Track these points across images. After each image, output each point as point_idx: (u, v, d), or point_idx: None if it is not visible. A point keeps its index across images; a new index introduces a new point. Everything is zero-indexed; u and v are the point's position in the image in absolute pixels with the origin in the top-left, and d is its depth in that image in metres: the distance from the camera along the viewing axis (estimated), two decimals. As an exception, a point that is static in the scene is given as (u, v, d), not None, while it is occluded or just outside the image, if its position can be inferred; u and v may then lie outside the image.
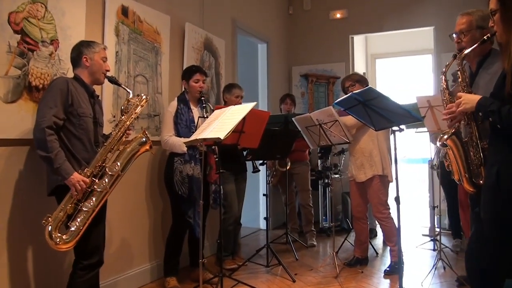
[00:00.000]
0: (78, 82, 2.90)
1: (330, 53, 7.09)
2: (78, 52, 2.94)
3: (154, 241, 4.24)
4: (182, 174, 3.83)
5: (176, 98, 4.06)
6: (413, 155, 10.00)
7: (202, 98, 4.04)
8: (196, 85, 4.02)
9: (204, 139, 3.11)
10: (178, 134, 3.90)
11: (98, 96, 3.11)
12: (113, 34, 3.78)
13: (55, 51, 3.21)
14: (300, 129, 4.43)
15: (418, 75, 8.89)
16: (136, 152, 2.92)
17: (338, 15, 7.08)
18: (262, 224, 6.38)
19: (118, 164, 2.81)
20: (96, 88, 3.17)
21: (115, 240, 3.80)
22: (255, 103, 3.40)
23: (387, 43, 8.19)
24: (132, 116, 2.97)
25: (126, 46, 3.91)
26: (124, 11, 3.89)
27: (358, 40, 7.53)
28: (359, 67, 7.32)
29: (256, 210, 6.53)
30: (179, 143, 3.80)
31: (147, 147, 2.97)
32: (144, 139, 2.95)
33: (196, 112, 4.04)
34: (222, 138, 2.96)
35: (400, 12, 6.60)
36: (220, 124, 3.12)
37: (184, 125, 3.92)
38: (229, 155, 4.23)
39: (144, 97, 3.08)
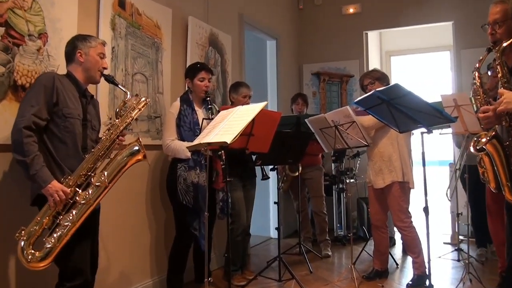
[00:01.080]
0: (69, 79, 2.59)
1: (343, 50, 6.74)
2: (73, 47, 2.63)
3: (156, 255, 3.91)
4: (187, 182, 3.52)
5: (178, 99, 3.73)
6: (430, 157, 9.50)
7: (208, 98, 3.71)
8: (201, 84, 3.69)
9: (209, 144, 2.75)
10: (181, 138, 3.58)
11: (92, 96, 2.77)
12: (109, 27, 3.44)
13: (44, 45, 2.88)
14: (313, 131, 4.08)
15: (435, 73, 8.51)
16: (127, 162, 2.58)
17: (351, 10, 6.74)
18: (273, 233, 6.04)
19: (105, 174, 2.47)
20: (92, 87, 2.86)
21: (114, 255, 3.48)
22: (265, 103, 3.06)
23: (403, 40, 7.82)
24: (127, 120, 2.64)
25: (123, 41, 3.58)
26: (121, 2, 3.55)
27: (373, 36, 7.16)
28: (374, 65, 6.95)
29: (266, 217, 6.18)
30: (182, 148, 3.48)
31: (140, 157, 2.63)
32: (136, 147, 2.61)
33: (200, 113, 3.72)
34: (229, 142, 2.62)
35: (416, 6, 6.26)
36: (227, 126, 2.77)
37: (188, 128, 3.59)
38: (237, 160, 3.89)
39: (143, 99, 2.75)
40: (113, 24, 3.48)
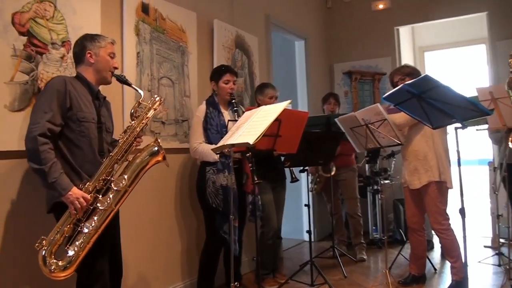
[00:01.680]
0: (80, 82, 2.51)
1: (374, 48, 6.56)
2: (82, 47, 2.54)
3: (187, 258, 3.90)
4: (216, 185, 3.46)
5: (204, 102, 3.69)
6: (468, 156, 9.16)
7: (233, 100, 3.65)
8: (226, 86, 3.64)
9: (233, 145, 2.68)
10: (209, 141, 3.53)
11: (104, 97, 2.69)
12: (133, 33, 3.44)
13: (67, 53, 2.88)
14: (344, 131, 3.96)
15: (471, 67, 8.20)
16: (146, 164, 2.53)
17: (381, 6, 6.55)
18: (307, 236, 5.88)
19: (125, 178, 2.42)
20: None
21: (145, 258, 3.50)
22: (289, 101, 2.96)
23: (436, 34, 7.55)
24: (143, 121, 2.58)
25: (148, 46, 3.56)
26: (145, 8, 3.54)
27: (404, 32, 6.96)
28: (406, 61, 6.71)
29: (299, 220, 6.07)
30: (209, 151, 3.42)
31: (160, 158, 2.57)
32: (156, 148, 2.56)
33: (227, 115, 3.66)
34: (251, 143, 2.53)
35: (448, -2, 6.03)
36: (250, 127, 2.69)
37: (215, 131, 3.54)
38: (265, 162, 3.83)
39: (157, 98, 2.68)
40: (137, 29, 3.47)
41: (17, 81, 2.58)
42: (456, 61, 8.48)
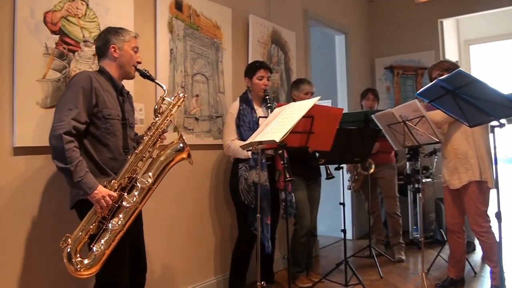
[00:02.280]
0: (104, 77, 2.48)
1: (417, 41, 6.35)
2: (105, 41, 2.50)
3: (220, 254, 3.91)
4: (248, 182, 3.45)
5: (238, 98, 3.67)
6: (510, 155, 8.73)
7: (267, 97, 3.61)
8: (260, 82, 3.61)
9: (260, 142, 2.64)
10: (242, 138, 3.51)
11: (127, 92, 2.67)
12: (167, 30, 3.45)
13: (99, 50, 2.91)
14: (381, 128, 3.85)
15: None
16: (170, 161, 2.51)
17: (424, -2, 6.33)
18: (347, 233, 5.81)
19: (150, 175, 2.41)
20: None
21: (178, 253, 3.54)
22: (318, 98, 2.90)
23: (482, 26, 7.26)
24: (168, 117, 2.56)
25: (181, 43, 3.57)
26: (178, 5, 3.54)
27: (449, 25, 6.72)
28: (451, 55, 6.52)
29: (338, 217, 5.94)
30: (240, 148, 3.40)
31: (184, 155, 2.55)
32: (180, 145, 2.54)
33: (260, 112, 3.63)
34: (277, 140, 2.49)
35: (496, -13, 5.76)
36: (278, 124, 2.65)
37: (248, 128, 3.52)
38: (300, 159, 3.79)
39: (181, 94, 2.65)
40: (171, 26, 3.47)
41: (49, 79, 2.63)
42: (504, 55, 8.09)
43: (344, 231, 3.96)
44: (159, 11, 3.38)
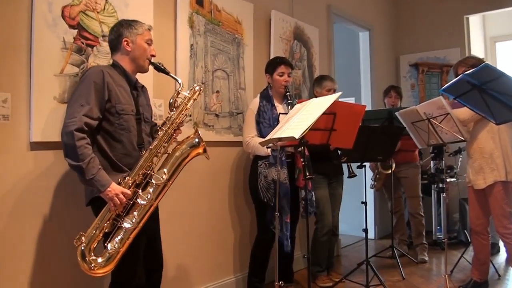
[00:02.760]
0: (117, 71, 2.43)
1: (442, 38, 6.22)
2: (118, 34, 2.45)
3: (240, 252, 3.88)
4: (267, 179, 3.41)
5: (258, 95, 3.63)
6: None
7: (288, 93, 3.56)
8: (281, 78, 3.55)
9: (279, 139, 2.59)
10: (261, 134, 3.47)
11: (142, 86, 2.60)
12: (187, 26, 3.42)
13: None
14: (405, 126, 3.76)
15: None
16: (186, 157, 2.46)
17: (450, -6, 6.18)
18: (369, 232, 5.70)
19: (165, 171, 2.36)
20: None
21: (196, 250, 3.52)
22: (339, 93, 2.84)
23: (509, 23, 7.06)
24: (183, 112, 2.50)
25: (202, 38, 3.54)
26: (199, 0, 3.51)
27: (475, 21, 6.57)
28: (476, 53, 6.35)
29: (361, 216, 5.85)
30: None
31: (200, 150, 2.50)
32: (196, 140, 2.49)
33: (281, 109, 3.58)
34: (297, 137, 2.43)
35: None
36: (298, 120, 2.59)
37: (267, 124, 3.47)
38: (321, 156, 3.71)
39: (197, 87, 2.59)
40: (191, 22, 3.45)
41: (67, 74, 2.61)
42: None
43: (366, 230, 3.88)
44: (180, 6, 3.36)
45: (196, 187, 3.51)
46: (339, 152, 3.90)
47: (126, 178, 2.30)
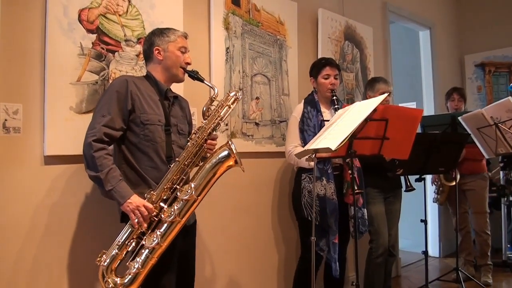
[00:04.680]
0: (148, 81, 2.30)
1: (510, 35, 5.65)
2: (149, 44, 2.31)
3: (284, 272, 3.58)
4: (311, 195, 3.05)
5: (303, 101, 3.30)
6: None
7: (335, 98, 3.20)
8: (326, 81, 3.21)
9: (316, 150, 2.26)
10: (306, 144, 3.11)
11: (176, 96, 2.42)
12: (222, 27, 3.16)
13: (144, 50, 2.68)
14: (470, 132, 3.32)
15: None
16: (217, 170, 2.22)
17: (520, -14, 5.64)
18: (433, 250, 5.25)
19: (192, 186, 2.12)
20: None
21: (237, 267, 3.28)
22: (385, 95, 2.49)
23: None
24: (215, 120, 2.27)
25: (239, 40, 3.27)
26: None
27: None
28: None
29: (423, 232, 5.44)
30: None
31: (231, 162, 2.24)
32: (226, 152, 2.23)
33: (328, 116, 3.23)
34: (333, 148, 2.09)
35: None
36: (338, 128, 2.25)
37: (312, 132, 3.13)
38: (376, 168, 3.34)
39: (232, 94, 2.35)
40: (227, 23, 3.19)
41: (84, 81, 2.43)
42: None
43: (425, 253, 3.45)
44: (213, 6, 3.11)
45: (235, 202, 3.25)
46: (397, 163, 3.50)
47: (151, 193, 2.12)
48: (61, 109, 2.34)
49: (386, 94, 2.55)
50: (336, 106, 3.17)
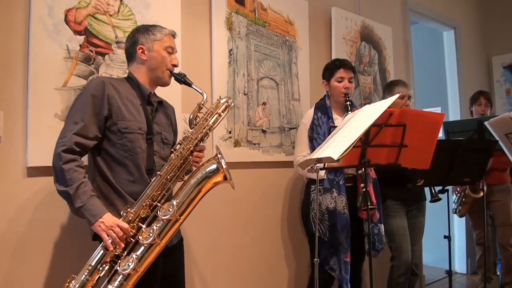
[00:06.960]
0: (129, 83, 2.06)
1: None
2: (132, 42, 2.07)
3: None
4: (321, 208, 2.79)
5: (314, 106, 3.03)
6: None
7: (349, 103, 2.92)
8: (340, 85, 2.93)
9: (319, 160, 2.00)
10: (317, 153, 2.86)
11: (161, 101, 2.17)
12: (224, 28, 2.95)
13: (137, 52, 2.47)
14: (497, 138, 3.01)
15: None
16: (202, 186, 1.95)
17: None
18: (459, 266, 4.92)
19: (174, 204, 1.87)
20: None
21: (243, 286, 3.05)
22: (395, 96, 2.22)
23: None
24: (203, 129, 2.02)
25: (243, 42, 3.04)
26: (239, -2, 3.03)
27: None
28: None
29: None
30: None
31: (219, 178, 1.97)
32: (214, 165, 1.97)
33: (340, 122, 2.95)
34: (335, 158, 1.83)
35: None
36: (344, 135, 1.99)
37: (323, 140, 2.85)
38: (397, 178, 3.06)
39: (223, 100, 2.10)
40: (229, 23, 2.97)
41: (71, 87, 2.24)
42: None
43: (449, 273, 3.14)
44: (215, 5, 2.91)
45: (241, 215, 3.03)
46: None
47: (127, 211, 1.86)
48: (45, 116, 2.17)
49: (397, 95, 2.28)
50: (349, 112, 2.91)
